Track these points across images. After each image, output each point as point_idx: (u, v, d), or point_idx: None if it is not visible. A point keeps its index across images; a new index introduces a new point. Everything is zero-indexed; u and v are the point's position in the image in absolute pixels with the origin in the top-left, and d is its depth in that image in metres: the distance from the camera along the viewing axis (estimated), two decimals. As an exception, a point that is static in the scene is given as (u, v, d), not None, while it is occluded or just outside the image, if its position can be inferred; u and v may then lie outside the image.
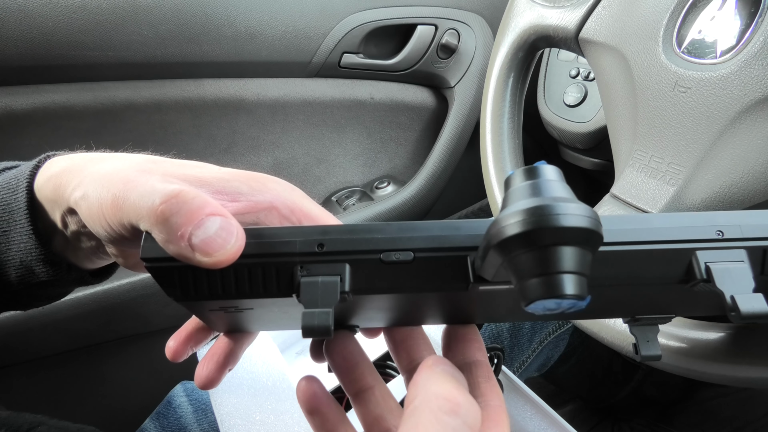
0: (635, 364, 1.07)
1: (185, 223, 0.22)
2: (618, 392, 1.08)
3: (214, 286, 0.24)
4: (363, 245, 0.24)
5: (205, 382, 0.33)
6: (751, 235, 0.24)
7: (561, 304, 0.20)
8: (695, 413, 1.06)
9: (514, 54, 0.59)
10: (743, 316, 0.21)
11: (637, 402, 1.09)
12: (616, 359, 1.02)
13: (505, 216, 0.20)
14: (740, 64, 0.38)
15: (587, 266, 0.20)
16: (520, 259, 0.20)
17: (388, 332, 0.33)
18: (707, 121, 0.40)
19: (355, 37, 0.82)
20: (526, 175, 0.22)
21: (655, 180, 0.43)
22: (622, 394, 1.08)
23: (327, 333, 0.22)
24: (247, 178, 0.28)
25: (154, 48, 0.70)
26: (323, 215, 0.31)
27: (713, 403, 1.07)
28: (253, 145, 0.83)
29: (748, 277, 0.23)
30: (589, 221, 0.19)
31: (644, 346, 0.31)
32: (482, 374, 0.28)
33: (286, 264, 0.24)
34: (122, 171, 0.26)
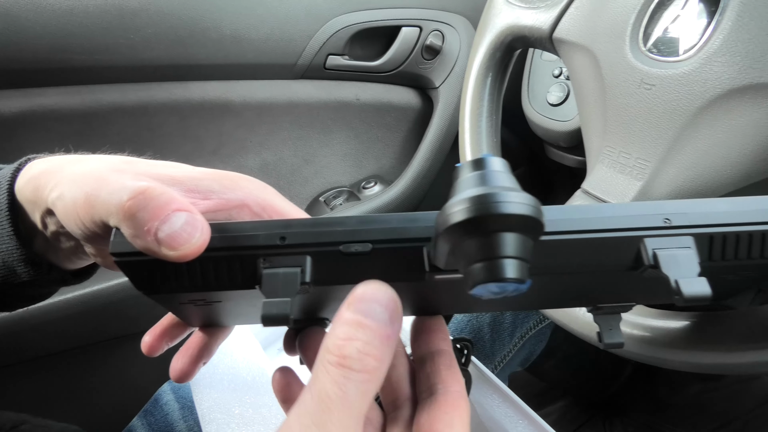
0: (624, 360, 1.08)
1: (152, 218, 0.23)
2: (608, 388, 1.09)
3: (181, 279, 0.25)
4: (323, 237, 0.24)
5: (179, 375, 0.34)
6: (697, 223, 0.25)
7: (505, 288, 0.21)
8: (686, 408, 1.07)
9: (491, 54, 0.60)
10: (686, 298, 0.22)
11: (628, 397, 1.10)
12: (604, 354, 1.02)
13: (450, 204, 0.21)
14: (701, 62, 0.39)
15: (528, 252, 0.21)
16: (465, 245, 0.21)
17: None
18: (670, 117, 0.41)
19: (340, 39, 0.83)
20: (472, 166, 0.23)
21: (623, 175, 0.44)
22: (612, 390, 1.09)
23: (285, 322, 0.23)
24: (220, 176, 0.29)
25: (140, 51, 0.71)
26: (295, 212, 0.32)
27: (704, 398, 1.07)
28: (241, 147, 0.84)
29: (694, 262, 0.24)
30: (530, 209, 0.20)
31: (607, 334, 0.32)
32: (444, 362, 0.29)
33: (249, 257, 0.24)
34: (96, 171, 0.27)
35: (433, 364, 0.29)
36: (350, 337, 0.21)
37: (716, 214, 0.25)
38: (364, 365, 0.21)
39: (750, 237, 0.25)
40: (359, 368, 0.21)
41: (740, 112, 0.37)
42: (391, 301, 0.22)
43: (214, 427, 0.42)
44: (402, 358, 0.31)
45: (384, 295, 0.22)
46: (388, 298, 0.22)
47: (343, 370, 0.21)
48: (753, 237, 0.25)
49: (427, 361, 0.29)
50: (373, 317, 0.22)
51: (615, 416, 1.10)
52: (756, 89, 0.36)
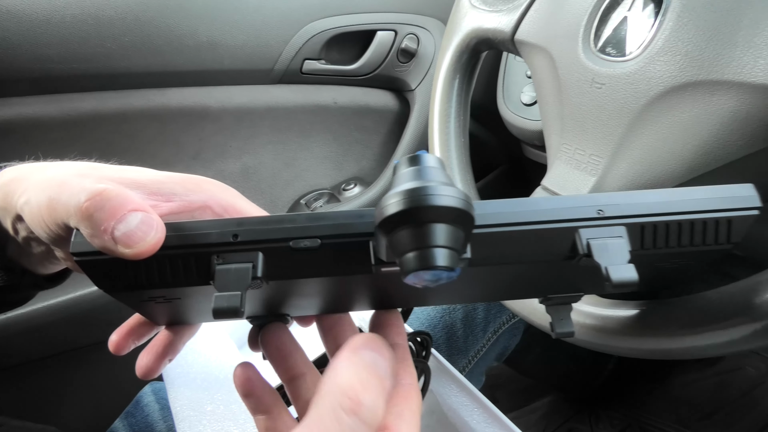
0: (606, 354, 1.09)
1: (108, 218, 0.24)
2: (592, 382, 1.10)
3: (138, 277, 0.26)
4: (274, 234, 0.25)
5: (144, 371, 0.35)
6: (628, 213, 0.26)
7: (439, 276, 0.22)
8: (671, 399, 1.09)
9: (458, 57, 0.62)
10: (614, 284, 0.24)
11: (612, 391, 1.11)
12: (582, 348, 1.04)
13: (386, 197, 0.22)
14: (645, 61, 0.41)
15: (459, 242, 0.22)
16: (399, 236, 0.22)
17: (318, 320, 0.35)
18: (619, 114, 0.42)
19: (315, 44, 0.84)
20: (409, 162, 0.25)
21: (578, 171, 0.46)
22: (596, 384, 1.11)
23: (236, 314, 0.24)
24: (182, 179, 0.31)
25: (117, 59, 0.72)
26: (256, 212, 0.33)
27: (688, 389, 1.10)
28: (221, 152, 0.85)
29: (624, 250, 0.25)
30: (459, 201, 0.21)
31: (558, 323, 0.34)
32: (397, 356, 0.30)
33: (203, 254, 0.25)
34: (60, 176, 0.28)
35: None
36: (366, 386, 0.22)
37: (646, 205, 0.26)
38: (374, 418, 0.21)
39: (679, 226, 0.26)
40: (370, 422, 0.21)
41: (682, 108, 0.39)
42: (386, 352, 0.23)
43: (187, 425, 0.44)
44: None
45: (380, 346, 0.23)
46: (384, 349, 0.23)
47: (355, 419, 0.21)
48: (682, 226, 0.27)
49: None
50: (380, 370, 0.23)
51: (601, 410, 1.11)
52: (695, 86, 0.38)
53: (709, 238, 0.27)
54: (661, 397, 1.10)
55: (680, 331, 0.34)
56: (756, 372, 1.08)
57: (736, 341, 0.31)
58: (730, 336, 0.32)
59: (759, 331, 0.30)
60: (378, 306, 0.37)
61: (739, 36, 0.36)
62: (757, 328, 0.30)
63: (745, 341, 0.31)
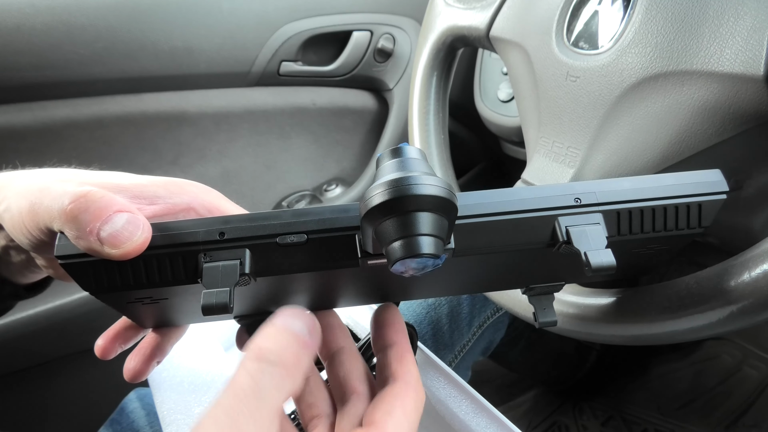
0: (588, 346, 1.10)
1: (93, 219, 0.24)
2: (575, 374, 1.12)
3: (125, 277, 0.26)
4: (260, 231, 0.26)
5: (132, 375, 0.35)
6: (604, 200, 0.27)
7: (424, 263, 0.23)
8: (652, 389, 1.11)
9: (435, 54, 0.63)
10: (594, 269, 0.24)
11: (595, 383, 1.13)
12: (567, 342, 1.05)
13: (370, 189, 0.23)
14: (617, 54, 0.42)
15: (443, 230, 0.23)
16: (384, 226, 0.23)
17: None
18: (594, 106, 0.43)
19: (292, 45, 0.85)
20: (391, 154, 0.25)
21: (557, 163, 0.47)
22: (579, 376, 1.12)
23: (225, 310, 0.24)
24: (165, 182, 0.31)
25: (91, 66, 0.71)
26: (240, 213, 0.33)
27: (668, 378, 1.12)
28: (200, 156, 0.85)
29: (602, 236, 0.26)
30: (442, 190, 0.22)
31: (541, 313, 0.35)
32: (395, 354, 0.30)
33: (190, 252, 0.26)
34: (40, 182, 0.28)
35: (385, 357, 0.30)
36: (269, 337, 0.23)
37: (621, 192, 0.27)
38: (281, 358, 0.22)
39: (652, 211, 0.27)
40: (275, 360, 0.22)
41: (654, 99, 0.39)
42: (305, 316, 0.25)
43: (174, 429, 0.43)
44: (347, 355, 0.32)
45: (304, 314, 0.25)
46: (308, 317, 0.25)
47: (260, 363, 0.22)
48: (655, 211, 0.28)
49: (382, 355, 0.31)
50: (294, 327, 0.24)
51: (584, 401, 1.13)
52: (665, 77, 0.39)
53: (681, 222, 0.28)
54: (641, 388, 1.12)
55: (660, 316, 0.35)
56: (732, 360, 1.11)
57: (714, 324, 0.32)
58: (708, 319, 0.33)
59: (735, 313, 0.31)
60: (365, 301, 0.37)
61: (705, 27, 0.37)
62: (733, 311, 0.31)
63: (722, 324, 0.32)
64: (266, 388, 0.22)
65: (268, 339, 0.23)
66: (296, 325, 0.24)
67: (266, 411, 0.21)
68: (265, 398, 0.21)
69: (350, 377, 0.31)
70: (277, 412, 0.22)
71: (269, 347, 0.23)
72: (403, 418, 0.26)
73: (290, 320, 0.24)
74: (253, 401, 0.21)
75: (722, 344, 1.15)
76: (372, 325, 0.33)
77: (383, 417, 0.26)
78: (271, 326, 0.24)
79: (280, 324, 0.24)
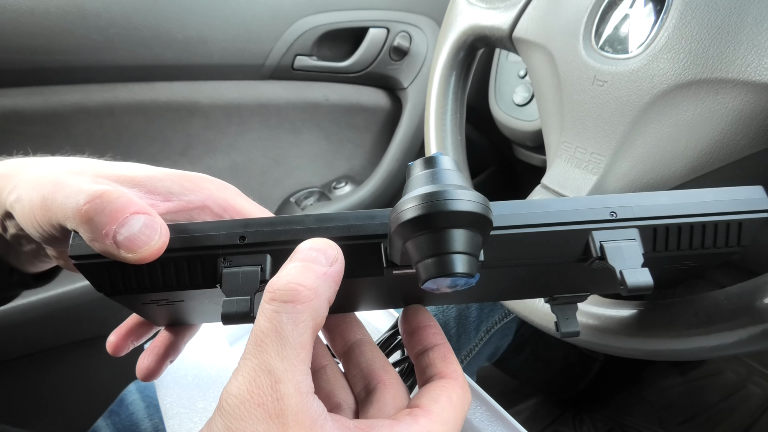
0: (592, 356, 1.09)
1: (109, 221, 0.24)
2: (577, 384, 1.10)
3: (141, 281, 0.26)
4: (282, 236, 0.25)
5: (145, 374, 0.34)
6: (641, 215, 0.26)
7: (456, 282, 0.22)
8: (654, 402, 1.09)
9: (455, 54, 0.61)
10: (630, 288, 0.23)
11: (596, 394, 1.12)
12: (572, 350, 1.04)
13: (402, 202, 0.22)
14: (648, 59, 0.40)
15: (477, 247, 0.22)
16: (417, 242, 0.22)
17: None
18: (621, 112, 0.42)
19: (307, 40, 0.84)
20: (424, 164, 0.24)
21: (579, 169, 0.46)
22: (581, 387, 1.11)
23: (246, 319, 0.24)
24: (180, 177, 0.30)
25: (104, 52, 0.70)
26: (257, 211, 0.32)
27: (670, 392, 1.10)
28: (210, 148, 0.84)
29: (638, 253, 0.25)
30: (478, 206, 0.21)
31: (564, 323, 0.33)
32: (438, 355, 0.30)
33: (209, 256, 0.25)
34: (53, 173, 0.27)
35: (427, 358, 0.30)
36: (284, 274, 0.23)
37: (658, 207, 0.26)
38: (294, 295, 0.22)
39: (691, 228, 0.26)
40: (289, 298, 0.22)
41: (685, 106, 0.38)
42: (325, 245, 0.24)
43: (176, 422, 0.42)
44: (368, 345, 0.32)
45: (319, 242, 0.24)
46: (323, 243, 0.24)
47: (274, 303, 0.22)
48: (693, 228, 0.26)
49: (423, 357, 0.30)
50: (308, 258, 0.23)
51: (584, 412, 1.12)
52: (698, 84, 0.37)
53: (719, 240, 0.27)
54: (643, 401, 1.11)
55: (686, 331, 0.34)
56: (736, 377, 1.09)
57: (744, 341, 0.31)
58: (738, 336, 0.31)
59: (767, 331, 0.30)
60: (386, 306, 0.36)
61: (742, 35, 0.36)
62: (765, 328, 0.30)
63: (754, 341, 0.31)
64: (285, 326, 0.22)
65: (281, 277, 0.23)
66: (311, 255, 0.23)
67: (292, 350, 0.22)
68: (287, 337, 0.22)
69: (374, 366, 0.30)
70: (303, 345, 0.22)
71: (280, 286, 0.22)
72: (449, 408, 0.26)
73: (305, 253, 0.24)
74: (276, 342, 0.21)
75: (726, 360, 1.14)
76: (403, 328, 0.32)
77: (428, 402, 0.26)
78: (288, 262, 0.24)
79: (296, 257, 0.24)
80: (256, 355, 0.22)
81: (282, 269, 0.23)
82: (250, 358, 0.22)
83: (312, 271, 0.23)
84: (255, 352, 0.22)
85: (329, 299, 0.24)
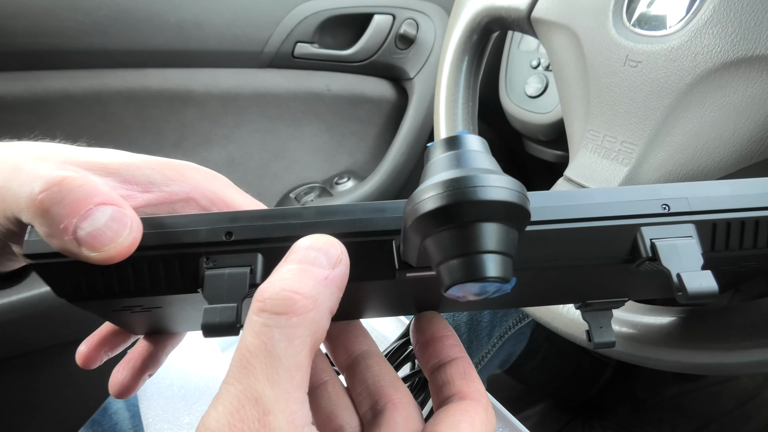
0: (604, 362, 1.07)
1: (69, 214, 0.21)
2: (588, 390, 1.08)
3: (109, 284, 0.22)
4: (276, 232, 0.22)
5: (119, 390, 0.31)
6: (699, 209, 0.22)
7: (486, 288, 0.18)
8: (666, 409, 1.07)
9: (468, 37, 0.57)
10: (690, 295, 0.20)
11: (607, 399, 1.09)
12: (584, 356, 1.01)
13: (421, 191, 0.18)
14: (690, 35, 0.36)
15: (512, 245, 0.18)
16: (439, 239, 0.18)
17: None
18: (658, 95, 0.38)
19: (308, 26, 0.81)
20: (446, 145, 0.21)
21: (608, 160, 0.42)
22: (592, 392, 1.08)
23: (232, 330, 0.21)
24: (162, 165, 0.27)
25: (91, 35, 0.67)
26: (250, 205, 0.29)
27: (684, 399, 1.07)
28: (205, 140, 0.81)
29: (697, 253, 0.21)
30: (514, 195, 0.18)
31: (597, 332, 0.30)
32: (456, 371, 0.26)
33: (189, 256, 0.22)
34: (13, 159, 0.24)
35: (444, 375, 0.26)
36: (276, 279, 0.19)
37: (719, 199, 0.23)
38: (288, 305, 0.19)
39: (756, 224, 0.23)
40: (282, 309, 0.18)
41: (734, 87, 0.35)
42: (327, 244, 0.20)
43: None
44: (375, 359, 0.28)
45: (319, 240, 0.20)
46: (324, 241, 0.20)
47: (263, 315, 0.19)
48: (760, 224, 0.23)
49: (439, 373, 0.27)
50: (306, 260, 0.20)
51: (594, 419, 1.09)
52: (750, 62, 0.33)
53: None
54: (655, 407, 1.08)
55: (741, 342, 0.30)
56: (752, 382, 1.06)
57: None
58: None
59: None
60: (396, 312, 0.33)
61: (803, 5, 0.32)
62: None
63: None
64: (277, 343, 0.18)
65: (272, 283, 0.19)
66: (310, 257, 0.20)
67: (283, 371, 0.18)
68: (277, 356, 0.18)
69: (381, 383, 0.27)
70: (298, 367, 0.19)
71: (272, 293, 0.19)
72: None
73: (302, 252, 0.20)
74: (265, 362, 0.18)
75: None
76: (416, 339, 0.29)
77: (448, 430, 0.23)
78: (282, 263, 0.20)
79: (292, 258, 0.20)
80: (240, 379, 0.18)
81: (274, 273, 0.20)
82: (234, 383, 0.18)
83: (311, 275, 0.19)
84: (239, 375, 0.18)
85: (331, 309, 0.20)
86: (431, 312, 0.30)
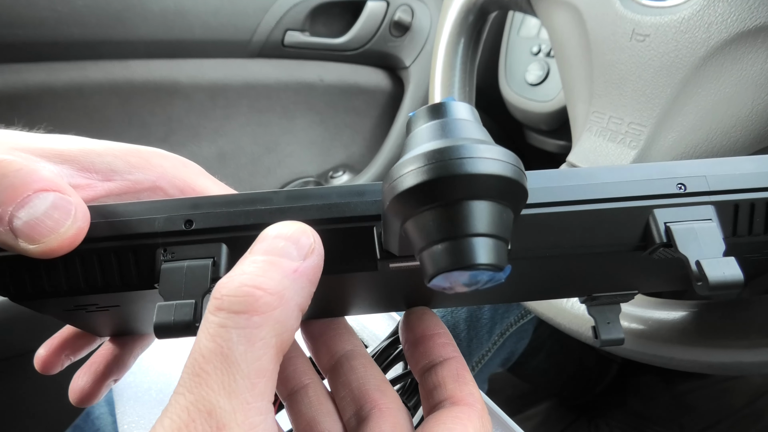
0: (610, 359, 1.06)
1: (4, 201, 0.19)
2: (593, 388, 1.06)
3: (56, 281, 0.21)
4: (242, 219, 0.20)
5: (79, 397, 0.30)
6: (719, 188, 0.20)
7: (477, 278, 0.16)
8: (673, 407, 1.05)
9: (464, 18, 0.55)
10: (712, 285, 0.18)
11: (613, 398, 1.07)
12: (589, 353, 1.00)
13: (399, 165, 0.16)
14: (703, 3, 0.34)
15: (507, 227, 0.16)
16: (420, 220, 0.16)
17: (305, 326, 0.29)
18: (668, 71, 0.35)
19: (298, 13, 0.79)
20: (430, 114, 0.18)
21: (614, 143, 0.39)
22: (597, 390, 1.06)
23: (188, 330, 0.19)
24: (125, 152, 0.25)
25: (69, 25, 0.66)
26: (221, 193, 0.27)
27: (691, 397, 1.06)
28: (193, 134, 0.80)
29: (718, 238, 0.19)
30: (508, 168, 0.15)
31: (604, 328, 0.28)
32: (449, 373, 0.25)
33: (145, 247, 0.20)
34: None
35: (436, 378, 0.25)
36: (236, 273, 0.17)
37: (742, 177, 0.21)
38: (249, 303, 0.17)
39: None
40: (241, 308, 0.17)
41: (752, 59, 0.32)
42: (297, 231, 0.18)
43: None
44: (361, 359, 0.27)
45: (288, 227, 0.18)
46: (294, 228, 0.18)
47: (220, 314, 0.17)
48: None
49: (429, 375, 0.25)
50: (272, 250, 0.18)
51: (600, 417, 1.08)
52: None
53: None
54: (663, 406, 1.07)
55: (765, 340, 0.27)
56: (762, 379, 1.04)
57: None
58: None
59: None
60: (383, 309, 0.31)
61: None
62: None
63: None
64: (234, 346, 0.16)
65: (232, 278, 0.17)
66: (276, 247, 0.18)
67: (242, 378, 0.16)
68: (235, 361, 0.16)
69: (367, 386, 0.25)
70: (260, 372, 0.17)
71: (231, 290, 0.17)
72: None
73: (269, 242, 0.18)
74: (221, 369, 0.16)
75: (752, 361, 1.09)
76: (405, 337, 0.27)
77: None
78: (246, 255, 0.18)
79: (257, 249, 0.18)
80: (191, 389, 0.16)
81: (236, 266, 0.18)
82: (184, 393, 0.16)
83: (277, 268, 0.17)
84: (191, 384, 0.16)
85: (301, 306, 0.18)
86: (422, 308, 0.28)
